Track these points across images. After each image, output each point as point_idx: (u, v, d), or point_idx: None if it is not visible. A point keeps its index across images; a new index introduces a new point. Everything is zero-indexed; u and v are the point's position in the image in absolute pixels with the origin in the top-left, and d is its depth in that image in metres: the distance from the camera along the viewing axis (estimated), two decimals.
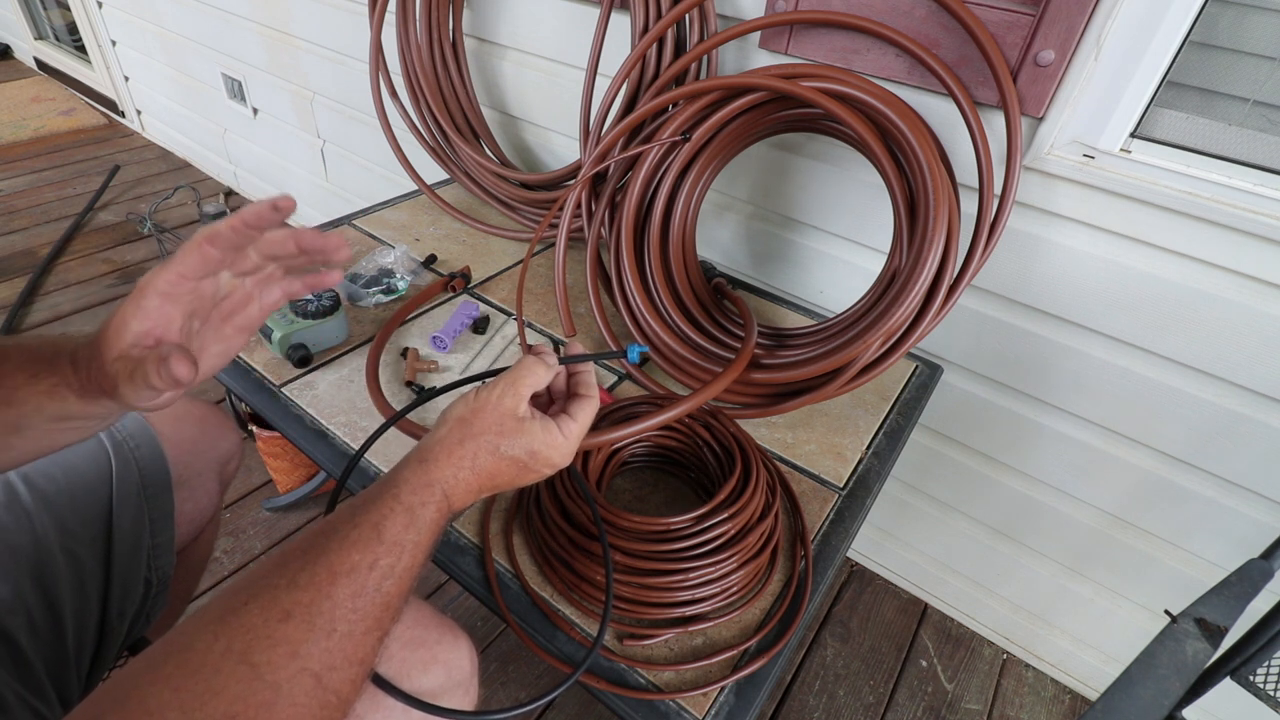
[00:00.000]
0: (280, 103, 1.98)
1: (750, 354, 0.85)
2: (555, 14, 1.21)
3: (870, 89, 0.80)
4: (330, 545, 0.40)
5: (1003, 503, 1.17)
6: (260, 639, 0.35)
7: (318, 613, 0.37)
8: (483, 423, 0.48)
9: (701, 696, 0.60)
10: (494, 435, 0.48)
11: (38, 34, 3.26)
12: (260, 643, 0.35)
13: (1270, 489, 0.91)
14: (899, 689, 1.23)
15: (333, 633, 0.37)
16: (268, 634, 0.36)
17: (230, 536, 1.35)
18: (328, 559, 0.39)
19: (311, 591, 0.38)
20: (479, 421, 0.48)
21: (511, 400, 0.50)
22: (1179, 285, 0.85)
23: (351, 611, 0.38)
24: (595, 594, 0.65)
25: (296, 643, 0.36)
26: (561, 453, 0.50)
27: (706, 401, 0.76)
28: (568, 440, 0.51)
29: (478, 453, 0.48)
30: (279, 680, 0.34)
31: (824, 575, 0.73)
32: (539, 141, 1.41)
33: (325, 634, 0.37)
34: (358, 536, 0.41)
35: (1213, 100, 0.81)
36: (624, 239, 0.98)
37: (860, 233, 1.07)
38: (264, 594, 0.37)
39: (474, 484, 0.47)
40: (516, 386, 0.50)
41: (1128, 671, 0.58)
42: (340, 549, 0.40)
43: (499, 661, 1.18)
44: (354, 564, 0.40)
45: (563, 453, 0.51)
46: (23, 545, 0.60)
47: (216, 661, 0.34)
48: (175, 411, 0.78)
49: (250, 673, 0.34)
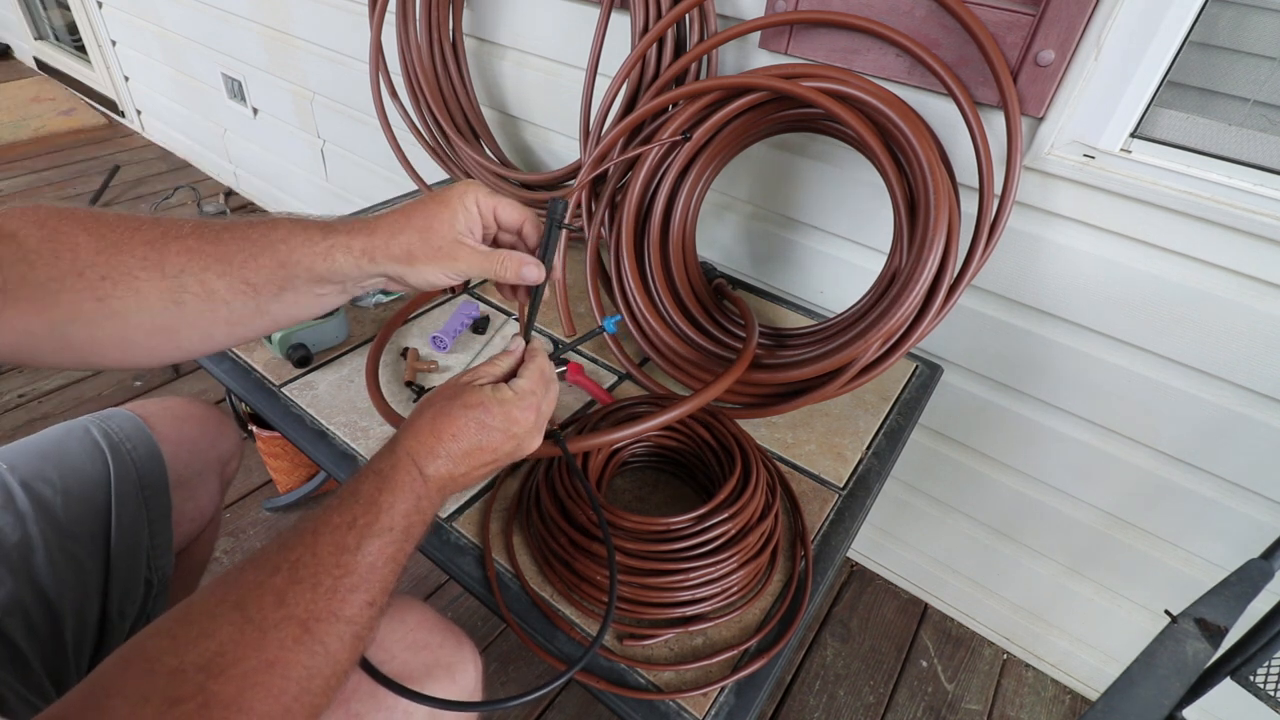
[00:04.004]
0: (280, 103, 1.98)
1: (752, 354, 0.85)
2: (555, 14, 1.21)
3: (870, 89, 0.80)
4: (315, 513, 0.44)
5: (1003, 503, 1.17)
6: (251, 589, 0.39)
7: (302, 565, 0.40)
8: (438, 395, 0.53)
9: (701, 696, 0.60)
10: (445, 401, 0.51)
11: (38, 34, 3.26)
12: (251, 592, 0.38)
13: (1270, 489, 0.91)
14: (899, 689, 1.23)
15: (317, 586, 0.40)
16: (258, 585, 0.39)
17: (230, 536, 1.35)
18: (313, 522, 0.43)
19: (299, 549, 0.41)
20: (435, 396, 0.53)
21: (466, 375, 0.54)
22: (1179, 285, 0.85)
23: (335, 566, 0.41)
24: (595, 594, 0.65)
25: (283, 592, 0.39)
26: (519, 408, 0.52)
27: (708, 402, 0.76)
28: (518, 394, 0.53)
29: (435, 417, 0.50)
30: (266, 624, 0.37)
31: (824, 575, 0.73)
32: (539, 141, 1.41)
33: (310, 586, 0.39)
34: (337, 502, 0.44)
35: (1213, 100, 0.81)
36: (624, 239, 0.98)
37: (860, 233, 1.07)
38: (259, 556, 0.41)
39: (439, 449, 0.49)
40: (475, 367, 0.55)
41: (1128, 671, 0.58)
42: (323, 513, 0.44)
43: (499, 662, 1.18)
44: (335, 523, 0.43)
45: (520, 408, 0.52)
46: (19, 547, 0.60)
47: (212, 609, 0.37)
48: (176, 412, 0.78)
49: (240, 617, 0.37)
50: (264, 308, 0.49)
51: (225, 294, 0.47)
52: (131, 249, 0.44)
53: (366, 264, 0.50)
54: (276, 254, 0.48)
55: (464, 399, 0.51)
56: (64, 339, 0.44)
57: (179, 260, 0.45)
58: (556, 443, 0.65)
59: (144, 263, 0.45)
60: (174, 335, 0.48)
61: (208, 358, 0.90)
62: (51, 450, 0.68)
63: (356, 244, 0.49)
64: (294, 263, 0.48)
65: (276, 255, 0.48)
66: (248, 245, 0.47)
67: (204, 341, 0.50)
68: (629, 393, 0.95)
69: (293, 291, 0.49)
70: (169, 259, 0.45)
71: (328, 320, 0.91)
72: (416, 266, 0.51)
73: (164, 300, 0.45)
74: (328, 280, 0.50)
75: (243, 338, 0.51)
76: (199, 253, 0.46)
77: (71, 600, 0.62)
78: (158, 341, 0.47)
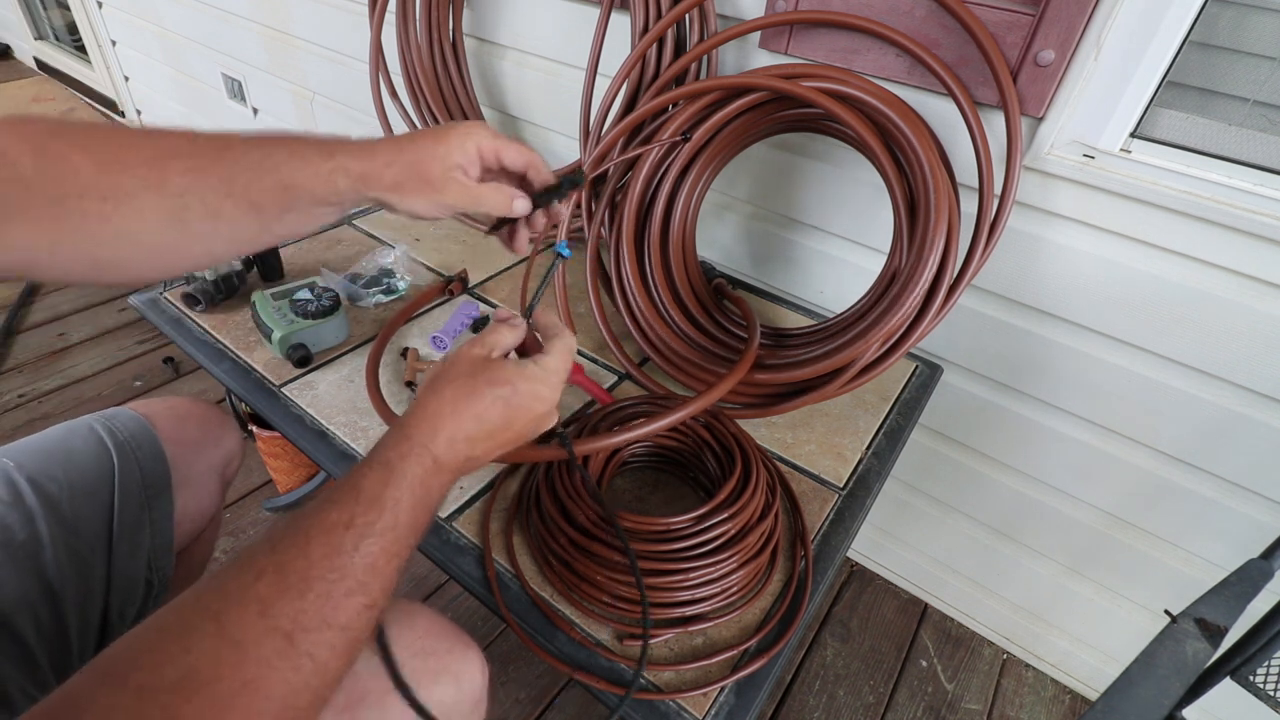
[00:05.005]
0: (280, 103, 1.98)
1: (755, 355, 0.85)
2: (555, 14, 1.21)
3: (870, 89, 0.80)
4: (309, 509, 0.41)
5: (1003, 503, 1.17)
6: (231, 598, 0.35)
7: (291, 571, 0.37)
8: (454, 371, 0.50)
9: (701, 696, 0.60)
10: (467, 379, 0.49)
11: (38, 34, 3.25)
12: (232, 601, 0.35)
13: (1270, 489, 0.91)
14: (899, 689, 1.23)
15: (306, 593, 0.37)
16: (240, 593, 0.36)
17: (230, 536, 1.35)
18: (305, 520, 0.40)
19: (288, 552, 0.38)
20: (450, 372, 0.50)
21: (480, 349, 0.51)
22: (1179, 285, 0.85)
23: (329, 570, 0.38)
24: (595, 594, 0.65)
25: (267, 601, 0.35)
26: (547, 386, 0.51)
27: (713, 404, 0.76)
28: (546, 372, 0.51)
29: (455, 398, 0.48)
30: (245, 639, 0.34)
31: (824, 575, 0.73)
32: (539, 141, 1.40)
33: (298, 594, 0.36)
34: (336, 497, 0.41)
35: (1213, 100, 0.81)
36: (624, 239, 0.98)
37: (860, 233, 1.07)
38: (244, 558, 0.38)
39: (459, 432, 0.47)
40: (481, 339, 0.52)
41: (1128, 671, 0.58)
42: (318, 510, 0.40)
43: (499, 662, 1.18)
44: (330, 522, 0.40)
45: (549, 386, 0.51)
46: (27, 544, 0.60)
47: (189, 619, 0.34)
48: (176, 411, 0.78)
49: (217, 629, 0.34)
50: (267, 226, 0.49)
51: (230, 213, 0.46)
52: (132, 169, 0.43)
53: (362, 188, 0.50)
54: (280, 176, 0.47)
55: (489, 376, 0.49)
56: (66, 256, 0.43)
57: (182, 181, 0.44)
58: (563, 445, 0.65)
59: (145, 183, 0.43)
60: (177, 252, 0.47)
61: (209, 359, 0.90)
62: (57, 449, 0.68)
63: (355, 168, 0.49)
64: (297, 185, 0.48)
65: (280, 178, 0.47)
66: (251, 166, 0.47)
67: (207, 257, 0.49)
68: (629, 393, 0.95)
69: (295, 212, 0.49)
70: (171, 179, 0.44)
71: (328, 320, 0.91)
72: (404, 197, 0.51)
73: (168, 219, 0.44)
74: (327, 202, 0.50)
75: (244, 252, 0.52)
76: (202, 172, 0.45)
77: (76, 598, 0.62)
78: (161, 258, 0.47)
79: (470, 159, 0.53)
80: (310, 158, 0.48)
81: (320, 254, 1.14)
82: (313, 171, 0.48)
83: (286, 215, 0.49)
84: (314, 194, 0.48)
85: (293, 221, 0.50)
